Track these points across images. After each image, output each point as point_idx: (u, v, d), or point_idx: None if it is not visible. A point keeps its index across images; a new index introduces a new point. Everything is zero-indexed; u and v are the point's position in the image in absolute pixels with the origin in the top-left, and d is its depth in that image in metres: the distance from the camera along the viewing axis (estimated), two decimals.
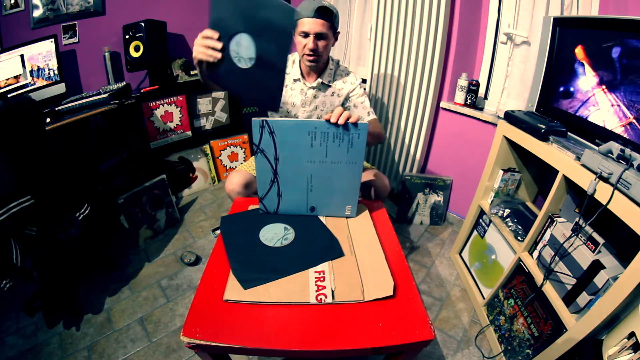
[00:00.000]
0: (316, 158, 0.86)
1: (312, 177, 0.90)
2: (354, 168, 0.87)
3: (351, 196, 0.93)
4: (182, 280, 1.54)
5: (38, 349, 1.21)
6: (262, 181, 0.91)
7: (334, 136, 0.82)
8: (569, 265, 0.95)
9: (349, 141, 0.83)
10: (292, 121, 0.83)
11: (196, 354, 0.70)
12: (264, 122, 0.81)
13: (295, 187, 0.91)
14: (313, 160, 0.86)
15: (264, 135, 0.83)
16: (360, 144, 0.83)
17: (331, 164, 0.86)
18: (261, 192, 0.93)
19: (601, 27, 0.98)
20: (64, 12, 1.85)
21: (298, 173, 0.89)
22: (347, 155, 0.85)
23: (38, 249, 1.20)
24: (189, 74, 2.20)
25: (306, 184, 0.91)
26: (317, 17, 1.11)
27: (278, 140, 0.84)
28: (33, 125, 1.21)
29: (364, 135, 0.82)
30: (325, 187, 0.91)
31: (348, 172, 0.87)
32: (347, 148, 0.84)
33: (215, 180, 2.40)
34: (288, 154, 0.86)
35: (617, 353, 0.75)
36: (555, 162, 1.01)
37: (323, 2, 1.12)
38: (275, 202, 0.95)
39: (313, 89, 1.31)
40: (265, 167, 0.88)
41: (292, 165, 0.88)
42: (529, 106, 1.25)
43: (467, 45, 1.69)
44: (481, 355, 1.24)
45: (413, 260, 1.72)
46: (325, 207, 0.95)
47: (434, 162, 2.02)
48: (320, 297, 0.69)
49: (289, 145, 0.85)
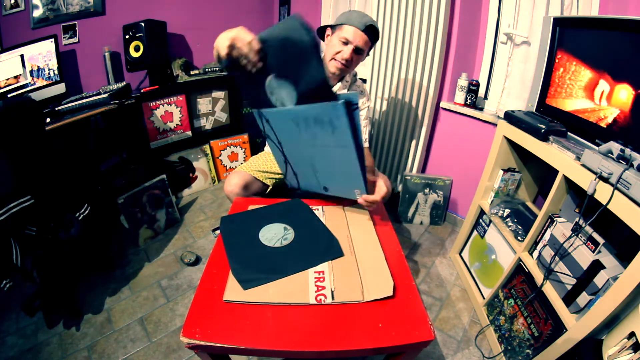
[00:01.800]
0: (308, 142, 0.85)
1: (314, 160, 0.91)
2: (346, 152, 0.79)
3: (356, 180, 0.87)
4: (182, 280, 1.54)
5: (38, 349, 1.21)
6: (278, 161, 1.02)
7: (314, 121, 0.79)
8: (569, 265, 0.95)
9: (329, 123, 0.77)
10: (276, 110, 0.83)
11: (196, 354, 0.70)
12: (259, 111, 0.87)
13: (304, 168, 0.96)
14: (306, 144, 0.86)
15: (263, 123, 0.91)
16: (342, 126, 0.74)
17: (322, 148, 0.84)
18: (282, 170, 1.06)
19: (601, 27, 0.98)
20: (64, 12, 1.85)
21: (301, 156, 0.93)
22: (333, 138, 0.79)
23: (38, 249, 1.20)
24: (189, 74, 2.20)
25: (311, 165, 0.93)
26: (365, 33, 1.11)
27: (274, 126, 0.89)
28: (33, 125, 1.21)
29: (342, 116, 0.72)
30: (328, 170, 0.92)
31: (341, 155, 0.82)
32: (330, 131, 0.78)
33: (215, 180, 2.40)
34: (285, 139, 0.91)
35: (617, 353, 0.75)
36: (555, 162, 1.01)
37: (374, 22, 1.13)
38: (295, 180, 1.03)
39: None
40: (275, 150, 0.96)
41: (293, 149, 0.93)
42: (529, 106, 1.25)
43: (467, 45, 1.69)
44: (481, 355, 1.24)
45: (413, 260, 1.72)
46: (335, 189, 0.97)
47: (434, 162, 2.02)
48: (319, 298, 0.69)
49: (284, 131, 0.89)
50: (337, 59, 1.16)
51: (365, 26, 1.10)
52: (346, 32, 1.12)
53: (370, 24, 1.11)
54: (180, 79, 2.15)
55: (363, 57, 1.21)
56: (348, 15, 1.14)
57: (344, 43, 1.13)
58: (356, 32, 1.11)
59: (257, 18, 2.64)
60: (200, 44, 2.38)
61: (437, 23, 1.57)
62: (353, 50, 1.13)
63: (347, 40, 1.12)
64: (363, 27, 1.10)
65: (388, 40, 1.80)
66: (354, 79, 1.33)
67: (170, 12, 2.13)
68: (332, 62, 1.19)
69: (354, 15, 1.13)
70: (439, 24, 1.57)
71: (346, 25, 1.12)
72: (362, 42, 1.12)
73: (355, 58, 1.16)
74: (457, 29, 1.62)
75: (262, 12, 2.65)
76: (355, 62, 1.19)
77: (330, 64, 1.21)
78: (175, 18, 2.15)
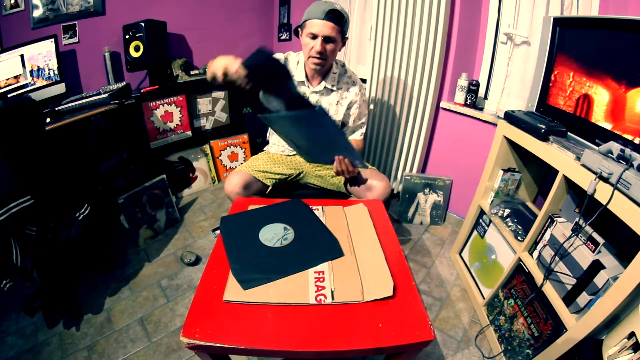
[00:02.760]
0: (307, 131, 1.06)
1: (318, 142, 1.11)
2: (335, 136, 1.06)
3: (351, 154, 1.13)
4: (182, 280, 1.54)
5: (38, 349, 1.21)
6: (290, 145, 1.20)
7: (306, 119, 0.99)
8: (569, 265, 0.95)
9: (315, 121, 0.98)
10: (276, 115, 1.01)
11: (196, 354, 0.70)
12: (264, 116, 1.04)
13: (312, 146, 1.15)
14: (306, 132, 1.07)
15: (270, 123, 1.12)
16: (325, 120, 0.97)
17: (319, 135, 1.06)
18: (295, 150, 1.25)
19: (601, 27, 0.98)
20: (64, 12, 1.85)
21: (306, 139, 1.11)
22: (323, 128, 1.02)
23: (38, 249, 1.20)
24: (189, 74, 2.20)
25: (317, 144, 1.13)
26: (327, 20, 1.11)
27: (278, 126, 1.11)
28: (33, 125, 1.21)
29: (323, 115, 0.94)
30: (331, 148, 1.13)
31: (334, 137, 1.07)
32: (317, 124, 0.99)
33: (215, 180, 2.40)
34: (289, 132, 1.10)
35: (617, 353, 0.75)
36: (555, 162, 1.01)
37: (335, 5, 1.12)
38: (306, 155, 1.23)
39: (316, 94, 1.31)
40: (285, 137, 1.16)
41: (297, 136, 1.10)
42: (529, 106, 1.25)
43: (467, 45, 1.69)
44: (481, 355, 1.24)
45: (413, 260, 1.72)
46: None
47: (434, 162, 2.02)
48: (319, 298, 0.69)
49: (285, 127, 1.09)
50: (312, 55, 1.17)
51: (325, 14, 1.10)
52: (310, 27, 1.14)
53: (329, 9, 1.10)
54: (180, 79, 2.15)
55: (339, 44, 1.20)
56: (309, 10, 1.15)
57: (312, 38, 1.15)
58: (318, 22, 1.11)
59: (257, 18, 2.63)
60: (200, 44, 2.38)
61: (437, 23, 1.57)
62: (323, 41, 1.14)
63: (313, 34, 1.14)
64: (323, 16, 1.10)
65: (388, 40, 1.80)
66: (343, 70, 1.32)
67: (170, 12, 2.13)
68: (309, 60, 1.20)
69: (314, 8, 1.13)
70: (439, 24, 1.56)
71: (308, 20, 1.14)
72: (329, 30, 1.12)
73: (328, 48, 1.16)
74: (457, 29, 1.61)
75: (262, 12, 2.65)
76: (332, 52, 1.18)
77: (308, 62, 1.22)
78: (175, 18, 2.15)
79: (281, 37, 2.68)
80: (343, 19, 1.14)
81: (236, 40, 2.53)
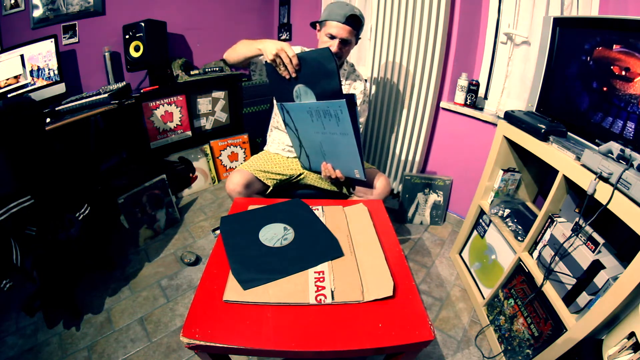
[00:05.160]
0: (319, 130, 1.08)
1: (322, 144, 1.13)
2: (347, 138, 1.03)
3: (354, 162, 1.10)
4: (182, 280, 1.54)
5: (38, 349, 1.21)
6: (295, 145, 1.26)
7: (324, 113, 1.02)
8: (569, 265, 0.95)
9: (335, 116, 1.00)
10: (295, 103, 1.07)
11: (196, 354, 0.70)
12: (282, 104, 1.11)
13: (315, 151, 1.18)
14: (317, 132, 1.09)
15: (284, 113, 1.14)
16: (344, 117, 0.98)
17: (330, 135, 1.07)
18: (297, 153, 1.29)
19: (601, 27, 0.98)
20: (64, 12, 1.85)
21: (313, 140, 1.14)
22: (338, 128, 1.02)
23: (38, 249, 1.20)
24: (189, 74, 2.20)
25: (320, 149, 1.15)
26: (347, 24, 1.16)
27: (293, 117, 1.13)
28: (33, 125, 1.21)
29: (344, 110, 0.96)
30: (334, 153, 1.13)
31: (343, 141, 1.05)
32: (336, 122, 1.01)
33: (215, 180, 2.40)
34: (301, 127, 1.14)
35: (617, 353, 0.75)
36: (555, 162, 1.01)
37: (354, 10, 1.16)
38: (307, 161, 1.27)
39: None
40: (293, 135, 1.20)
41: (307, 135, 1.15)
42: (529, 106, 1.25)
43: (467, 45, 1.69)
44: (481, 355, 1.24)
45: (413, 260, 1.72)
46: (339, 169, 1.17)
47: (434, 162, 2.02)
48: (319, 298, 0.69)
49: (300, 121, 1.12)
50: None
51: (346, 18, 1.15)
52: (330, 28, 1.18)
53: (350, 14, 1.15)
54: (180, 79, 2.14)
55: (352, 45, 1.26)
56: (329, 10, 1.19)
57: (330, 38, 1.19)
58: (338, 25, 1.16)
59: (257, 18, 2.64)
60: (200, 44, 2.38)
61: (437, 23, 1.57)
62: (340, 43, 1.19)
63: (331, 35, 1.18)
64: (344, 20, 1.15)
65: (388, 40, 1.80)
66: (351, 69, 1.39)
67: (170, 12, 2.13)
68: None
69: (335, 10, 1.17)
70: (439, 24, 1.56)
71: (329, 21, 1.18)
72: (347, 34, 1.18)
73: (344, 49, 1.22)
74: (457, 29, 1.61)
75: (262, 12, 2.65)
76: (345, 53, 1.25)
77: None
78: (175, 18, 2.15)
79: (281, 37, 2.68)
80: (361, 24, 1.20)
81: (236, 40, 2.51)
